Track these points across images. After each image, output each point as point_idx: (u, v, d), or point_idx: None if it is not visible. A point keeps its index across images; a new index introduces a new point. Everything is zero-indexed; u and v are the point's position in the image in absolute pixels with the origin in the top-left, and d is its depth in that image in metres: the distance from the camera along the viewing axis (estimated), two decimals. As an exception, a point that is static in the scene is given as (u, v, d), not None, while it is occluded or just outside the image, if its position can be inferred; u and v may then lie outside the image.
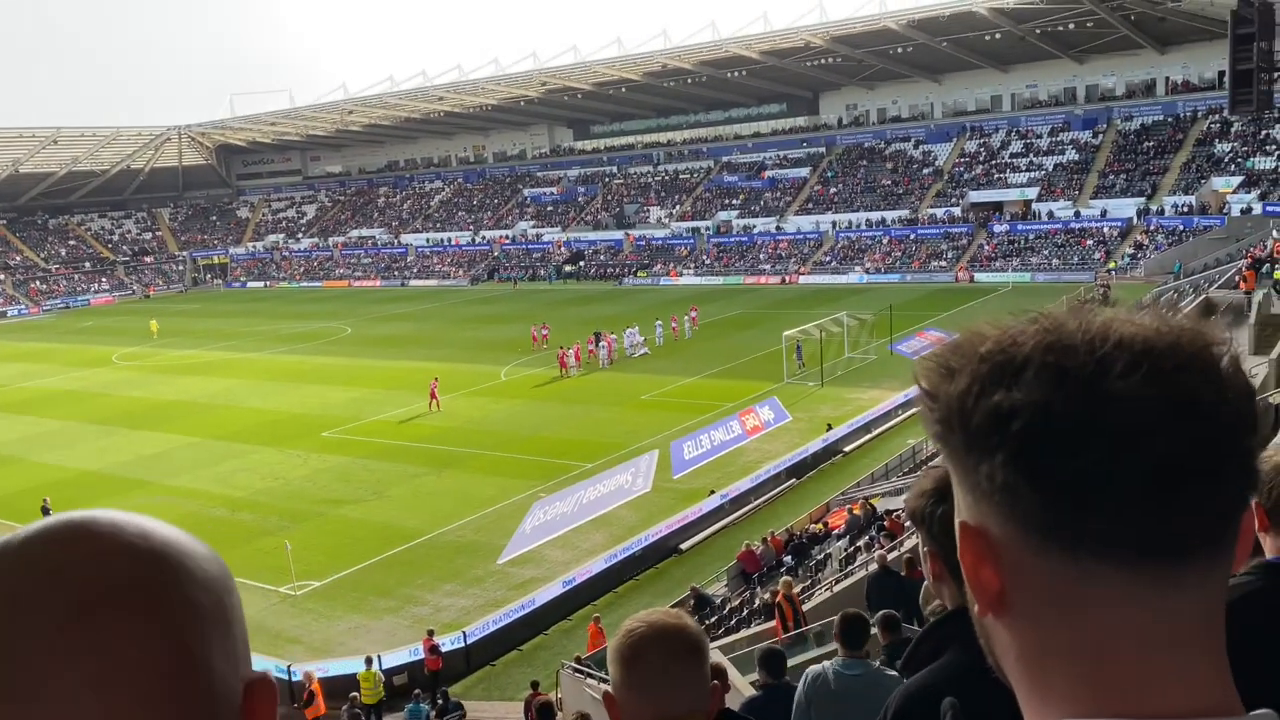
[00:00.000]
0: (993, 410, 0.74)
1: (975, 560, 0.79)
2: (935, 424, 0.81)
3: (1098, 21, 58.76)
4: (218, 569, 0.80)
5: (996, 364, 0.77)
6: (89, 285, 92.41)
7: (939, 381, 0.80)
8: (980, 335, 0.80)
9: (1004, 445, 0.73)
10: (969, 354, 0.79)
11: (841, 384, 36.26)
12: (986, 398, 0.75)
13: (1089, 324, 0.76)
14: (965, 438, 0.77)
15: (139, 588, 0.74)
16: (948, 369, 0.80)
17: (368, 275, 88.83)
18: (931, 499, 1.80)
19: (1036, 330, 0.77)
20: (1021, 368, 0.75)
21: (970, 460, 0.77)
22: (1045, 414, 0.72)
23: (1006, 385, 0.75)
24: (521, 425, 33.86)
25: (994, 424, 0.74)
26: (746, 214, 77.30)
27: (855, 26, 63.88)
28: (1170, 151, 64.14)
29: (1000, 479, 0.74)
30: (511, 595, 20.66)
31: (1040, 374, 0.74)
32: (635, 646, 1.83)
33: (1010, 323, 0.81)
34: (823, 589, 17.25)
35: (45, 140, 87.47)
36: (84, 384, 47.09)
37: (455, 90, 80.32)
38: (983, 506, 0.77)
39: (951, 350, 0.82)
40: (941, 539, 1.76)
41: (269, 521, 26.09)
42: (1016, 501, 0.74)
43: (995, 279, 59.36)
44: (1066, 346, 0.75)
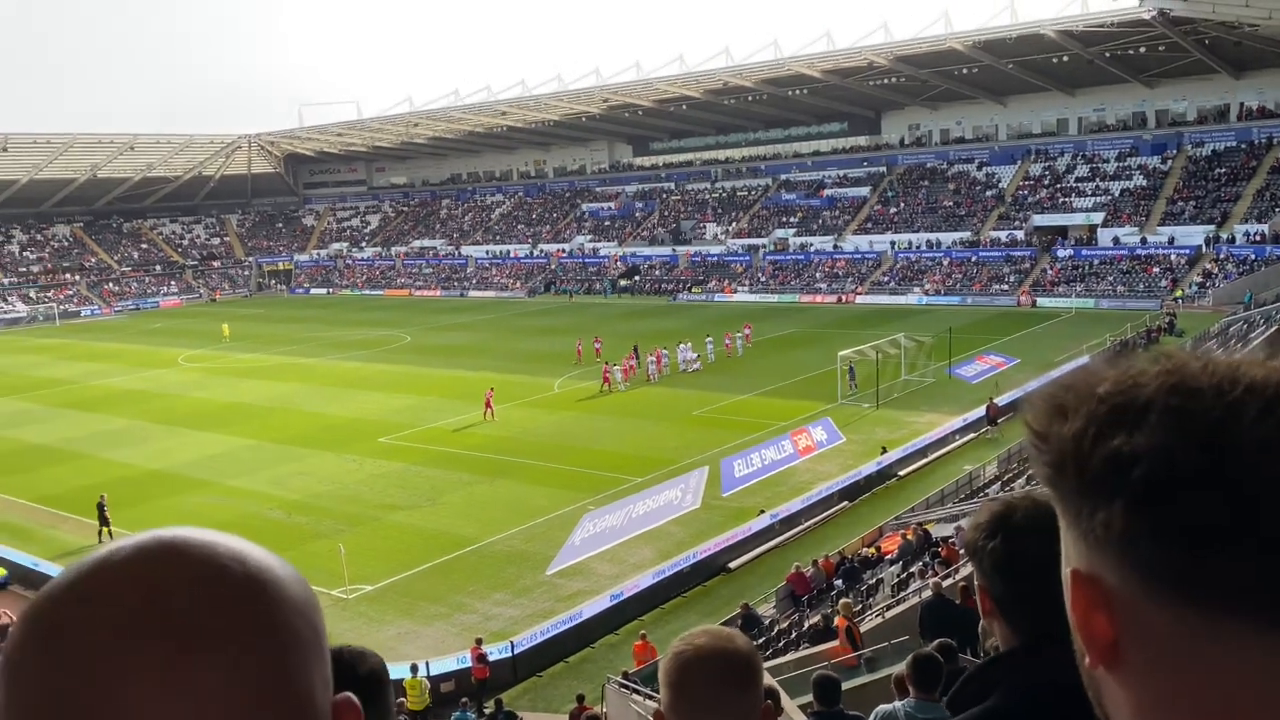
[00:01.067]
0: (1112, 455, 0.70)
1: (1087, 609, 0.76)
2: (1046, 466, 0.76)
3: (1170, 45, 57.60)
4: (306, 591, 0.79)
5: (1116, 406, 0.72)
6: (158, 288, 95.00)
7: (1051, 421, 0.76)
8: (1097, 374, 0.76)
9: (1124, 492, 0.69)
10: (1085, 394, 0.75)
11: (897, 406, 35.85)
12: (1105, 441, 0.71)
13: (1215, 367, 0.72)
14: (1080, 482, 0.73)
15: (237, 619, 0.72)
16: (1060, 408, 0.76)
17: (428, 285, 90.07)
18: (985, 532, 1.72)
19: (1159, 371, 0.73)
20: (1144, 411, 0.71)
21: (1085, 506, 0.73)
22: (1171, 461, 0.68)
23: (1128, 429, 0.70)
24: (573, 437, 34.02)
25: (1113, 469, 0.70)
26: (804, 232, 76.96)
27: (920, 47, 63.41)
28: (1243, 179, 62.51)
29: (1119, 527, 0.70)
30: (559, 607, 20.73)
31: (1165, 418, 0.70)
32: (683, 670, 1.79)
33: (1128, 362, 0.76)
34: (874, 615, 17.03)
35: (123, 146, 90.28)
36: (151, 384, 48.38)
37: (518, 105, 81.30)
38: (1097, 554, 0.73)
39: (1064, 389, 0.77)
40: (992, 575, 1.69)
41: (324, 525, 26.51)
42: (1136, 551, 0.70)
43: (1058, 304, 58.28)
44: (1192, 390, 0.70)
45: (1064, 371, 0.83)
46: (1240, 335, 36.26)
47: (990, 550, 1.69)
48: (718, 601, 21.49)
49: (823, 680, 6.44)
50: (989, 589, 1.71)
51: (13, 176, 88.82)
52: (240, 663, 0.71)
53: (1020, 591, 1.64)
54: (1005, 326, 51.21)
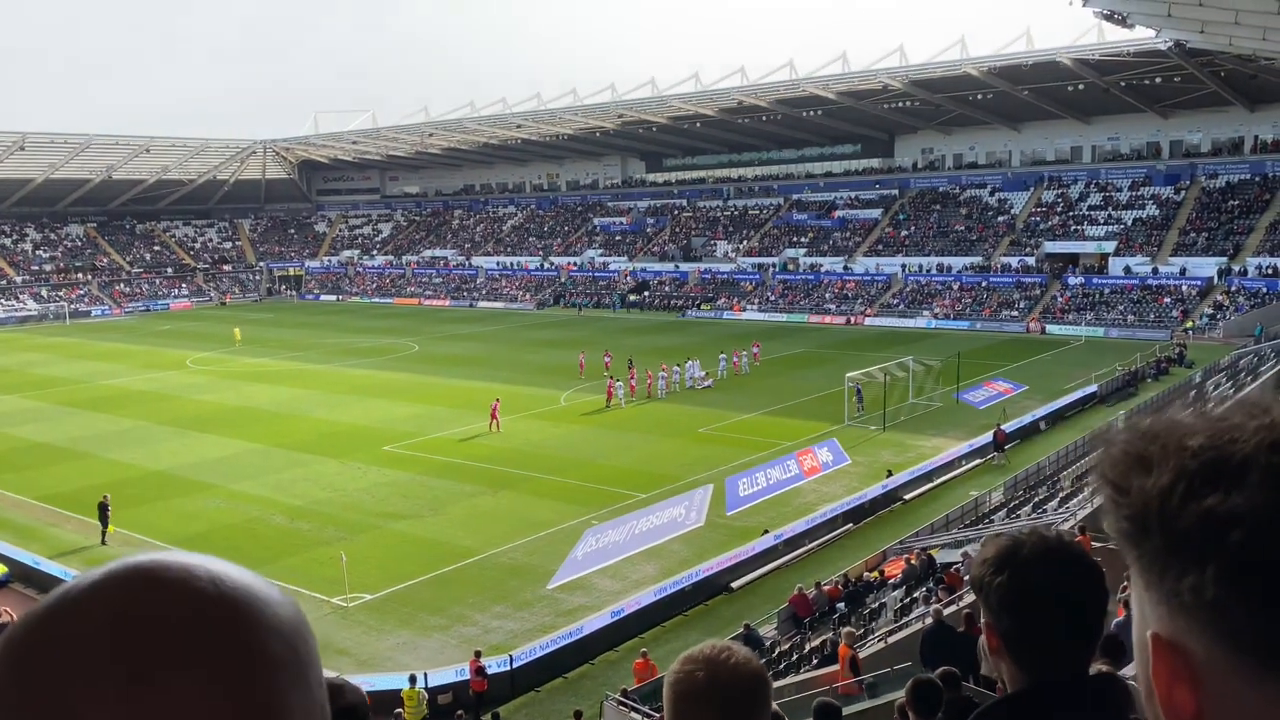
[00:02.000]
0: (1206, 515, 0.66)
1: (1169, 679, 0.71)
2: (1125, 521, 0.72)
3: (1185, 77, 57.63)
4: (291, 614, 0.77)
5: (1210, 461, 0.67)
6: (169, 290, 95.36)
7: (1132, 474, 0.72)
8: (1187, 427, 0.71)
9: (1219, 556, 0.65)
10: (1174, 446, 0.70)
11: (904, 430, 35.73)
12: (1198, 500, 0.66)
13: None
14: (1166, 542, 0.68)
15: (207, 644, 0.71)
16: (1145, 460, 0.71)
17: (438, 294, 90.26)
18: (992, 568, 1.68)
19: (1257, 427, 0.68)
20: (1242, 469, 0.66)
21: (1171, 568, 0.68)
22: (1274, 524, 0.63)
23: (1224, 488, 0.65)
24: (578, 451, 33.96)
25: (1207, 531, 0.65)
26: (815, 252, 76.98)
27: (935, 71, 63.54)
28: (1256, 211, 62.40)
29: (1210, 594, 0.65)
30: (560, 621, 20.63)
31: (1267, 477, 0.65)
32: (688, 692, 1.73)
33: (1220, 417, 0.71)
34: (876, 639, 16.91)
35: (139, 149, 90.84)
36: (158, 386, 48.49)
37: (533, 118, 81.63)
38: (1181, 621, 0.68)
39: (1149, 439, 0.72)
40: (999, 611, 1.65)
41: (326, 532, 26.47)
42: (1229, 621, 0.65)
43: (1068, 332, 58.15)
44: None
45: (1143, 418, 0.77)
46: (1250, 369, 36.08)
47: (997, 586, 1.65)
48: (719, 621, 21.35)
49: (824, 709, 6.34)
50: (995, 626, 1.68)
51: (29, 175, 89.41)
52: (202, 693, 0.69)
53: (1027, 629, 1.61)
54: (1014, 353, 51.07)
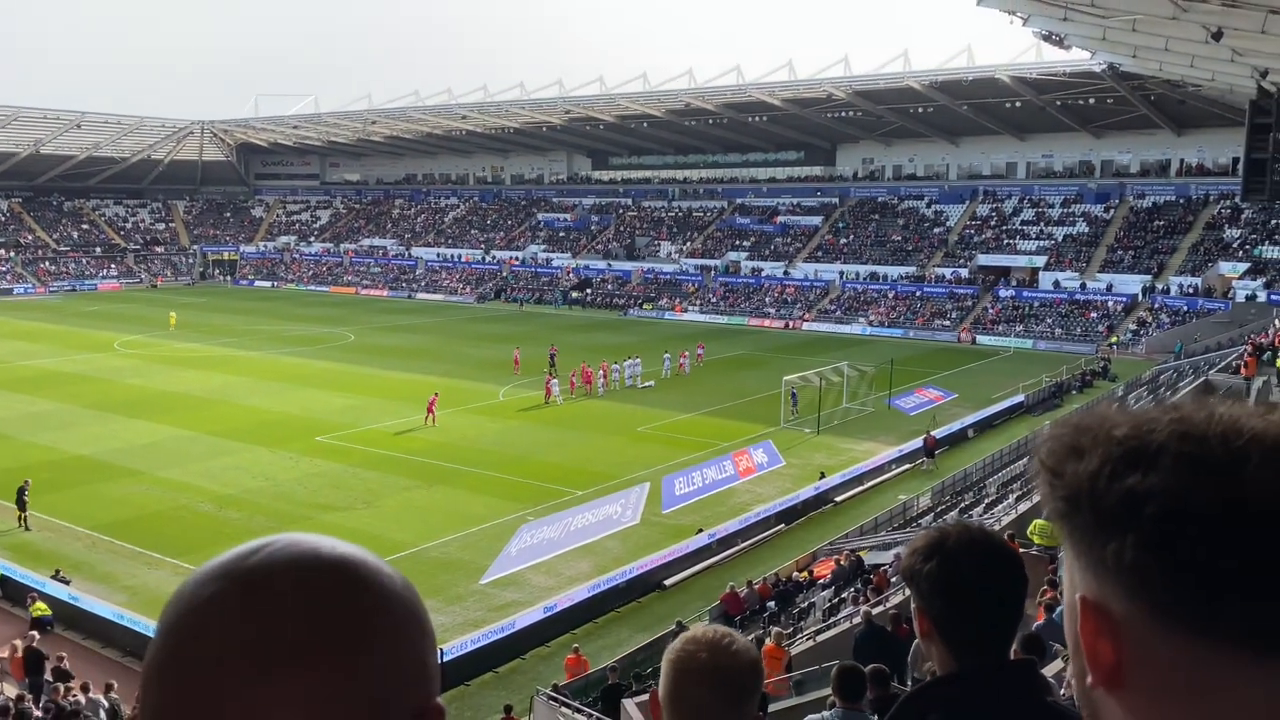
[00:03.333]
0: (1127, 492, 0.77)
1: (1094, 634, 0.81)
2: (1060, 500, 0.83)
3: (1118, 99, 59.46)
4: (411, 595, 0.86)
5: (1131, 448, 0.79)
6: (98, 270, 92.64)
7: (1066, 460, 0.83)
8: (1114, 420, 0.83)
9: (1136, 527, 0.76)
10: (1101, 436, 0.82)
11: (837, 433, 36.32)
12: (1119, 480, 0.78)
13: (1220, 417, 0.79)
14: (1094, 516, 0.79)
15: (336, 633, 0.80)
16: (1077, 448, 0.82)
17: (376, 284, 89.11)
18: (921, 556, 1.82)
19: (1170, 420, 0.80)
20: (1157, 454, 0.77)
21: (1098, 539, 0.79)
22: (1181, 500, 0.74)
23: (1141, 469, 0.77)
24: (515, 446, 33.88)
25: (1127, 506, 0.76)
26: (756, 256, 77.74)
27: (878, 83, 64.63)
28: (1180, 232, 64.65)
29: (1129, 559, 0.76)
30: (491, 616, 20.60)
31: (1176, 461, 0.76)
32: (691, 669, 1.80)
33: (1143, 411, 0.83)
34: (805, 638, 17.21)
35: (69, 124, 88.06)
36: (84, 368, 47.14)
37: (479, 110, 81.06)
38: (1106, 584, 0.79)
39: (1081, 430, 0.84)
40: (930, 597, 1.79)
41: (255, 521, 26.03)
42: (1146, 582, 0.76)
43: (997, 342, 59.60)
44: (1200, 437, 0.77)
45: (1076, 414, 0.91)
46: (1170, 384, 37.40)
47: (927, 573, 1.79)
48: (651, 618, 21.53)
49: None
50: (926, 610, 1.81)
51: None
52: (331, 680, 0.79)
53: (955, 612, 1.76)
54: (945, 361, 52.20)
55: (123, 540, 24.52)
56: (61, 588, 21.05)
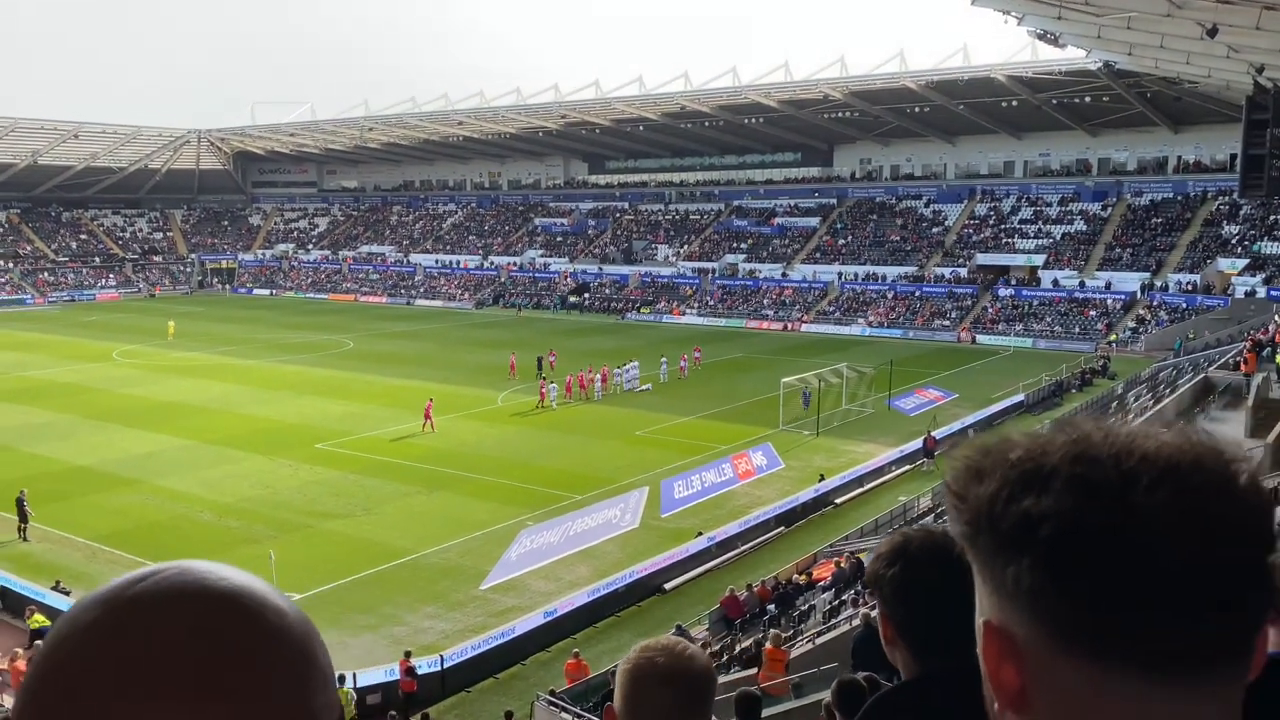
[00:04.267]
0: (1022, 515, 0.77)
1: (998, 658, 0.81)
2: (963, 525, 0.83)
3: (1114, 97, 59.47)
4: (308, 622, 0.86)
5: (1026, 471, 0.79)
6: (96, 280, 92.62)
7: (968, 483, 0.84)
8: (1010, 442, 0.84)
9: (1032, 550, 0.76)
10: (999, 459, 0.82)
11: (837, 435, 36.27)
12: (1015, 503, 0.78)
13: (1114, 438, 0.79)
14: (993, 540, 0.79)
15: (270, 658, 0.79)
16: (977, 472, 0.83)
17: (374, 291, 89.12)
18: (885, 562, 1.82)
19: (1065, 441, 0.80)
20: (1050, 476, 0.78)
21: (997, 562, 0.79)
22: (1073, 522, 0.75)
23: (1036, 492, 0.77)
24: (514, 451, 33.84)
25: (1023, 529, 0.77)
26: (754, 259, 77.73)
27: (874, 83, 64.63)
28: (1178, 229, 64.64)
29: (1027, 582, 0.76)
30: (492, 622, 20.56)
31: (1068, 484, 0.76)
32: (648, 674, 1.84)
33: (1039, 432, 0.85)
34: (805, 641, 17.18)
35: (66, 134, 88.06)
36: (82, 378, 47.11)
37: (476, 116, 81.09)
38: (1008, 608, 0.80)
39: (981, 454, 0.85)
40: (893, 602, 1.79)
41: (255, 530, 26.01)
42: (1042, 605, 0.76)
43: (997, 342, 59.56)
44: (1093, 459, 0.77)
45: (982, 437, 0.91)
46: (1169, 381, 37.36)
47: (890, 578, 1.79)
48: (652, 622, 21.48)
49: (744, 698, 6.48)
50: (890, 615, 1.80)
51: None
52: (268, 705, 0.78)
53: (918, 617, 1.74)
54: (945, 361, 52.16)
55: (123, 550, 24.46)
56: (62, 599, 20.98)
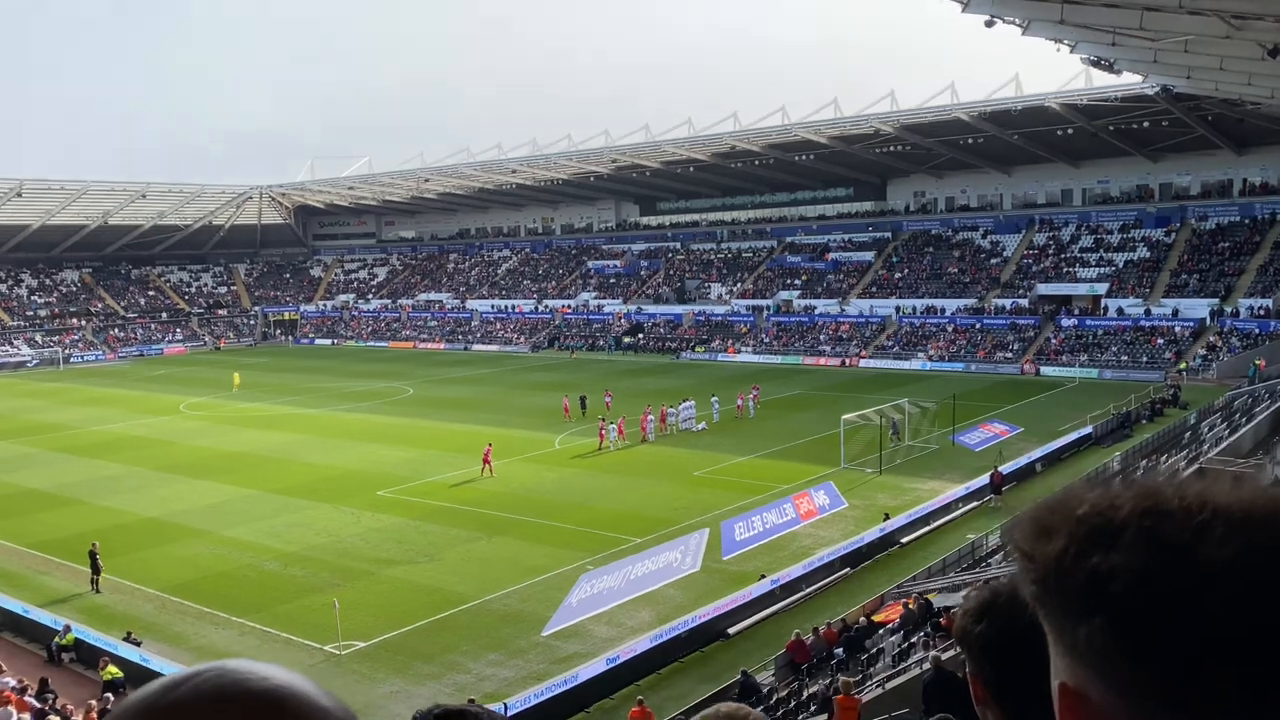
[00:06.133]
0: (1091, 573, 0.75)
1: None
2: (1033, 584, 0.80)
3: (1173, 121, 58.36)
4: None
5: (1094, 526, 0.77)
6: (164, 335, 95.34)
7: (1036, 541, 0.81)
8: (1077, 496, 0.81)
9: (1102, 609, 0.73)
10: (1066, 515, 0.79)
11: (901, 473, 35.63)
12: (1084, 560, 0.75)
13: (1185, 490, 0.76)
14: (1063, 599, 0.77)
15: None
16: (1045, 529, 0.80)
17: (433, 338, 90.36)
18: (973, 618, 1.70)
19: (1134, 494, 0.78)
20: (1119, 531, 0.75)
21: (1068, 622, 0.77)
22: (1143, 580, 0.72)
23: (1105, 548, 0.75)
24: (573, 494, 33.79)
25: (1092, 587, 0.74)
26: (809, 294, 77.33)
27: (925, 116, 64.28)
28: (1247, 253, 62.90)
29: (1099, 643, 0.73)
30: (554, 669, 20.37)
31: (1138, 538, 0.74)
32: None
33: (1107, 486, 0.81)
34: (875, 685, 16.72)
35: (135, 195, 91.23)
36: (151, 431, 48.27)
37: (528, 164, 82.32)
38: (1081, 669, 0.76)
39: (1048, 510, 0.82)
40: (982, 661, 1.68)
41: (319, 578, 26.22)
42: (1117, 666, 0.73)
43: (1061, 373, 58.27)
44: (1163, 512, 0.75)
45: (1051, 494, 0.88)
46: (1245, 409, 36.13)
47: (978, 635, 1.65)
48: (716, 667, 21.11)
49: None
50: (980, 675, 1.68)
51: (25, 221, 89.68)
52: None
53: (1010, 676, 1.61)
54: (1009, 394, 51.12)
55: (191, 601, 24.82)
56: (133, 650, 21.29)
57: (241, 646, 22.09)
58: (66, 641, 21.96)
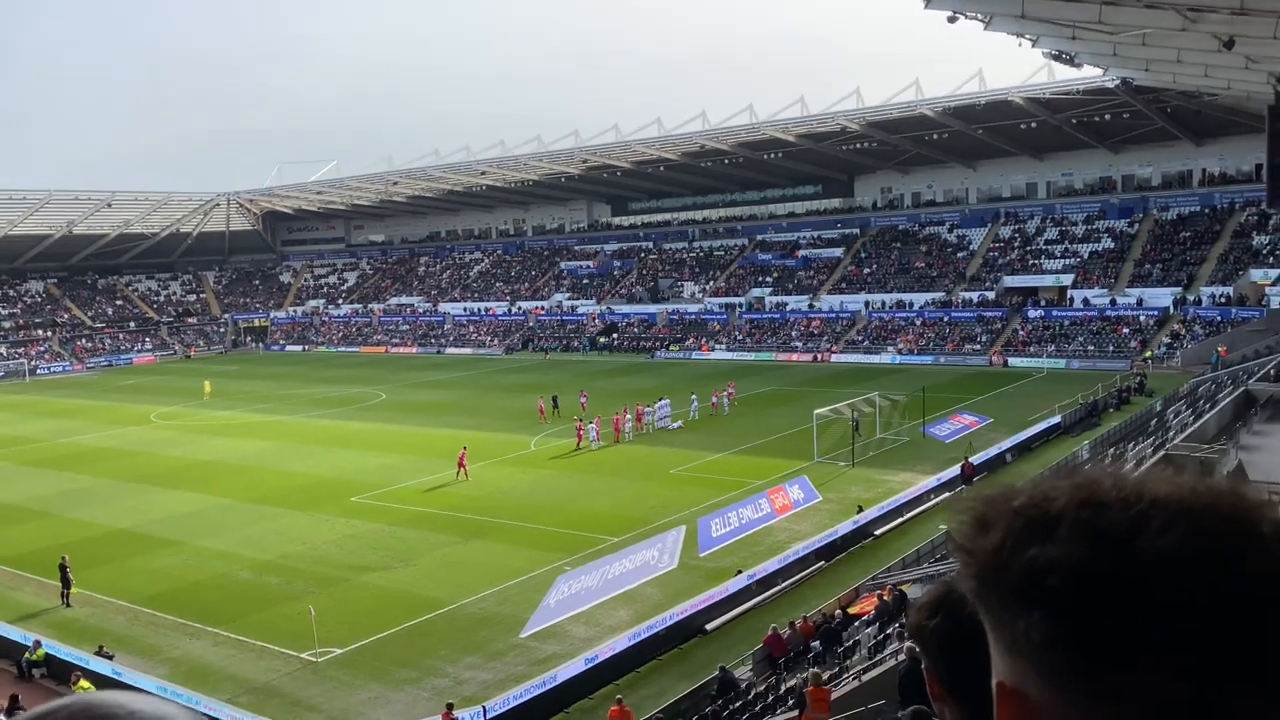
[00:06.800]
0: (1028, 566, 0.73)
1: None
2: (972, 579, 0.79)
3: (1134, 113, 59.19)
4: None
5: (1031, 519, 0.75)
6: (133, 344, 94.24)
7: (974, 535, 0.79)
8: (1014, 489, 0.80)
9: (1040, 602, 0.72)
10: (1003, 508, 0.78)
11: (873, 465, 35.94)
12: (1021, 553, 0.74)
13: (1123, 482, 0.76)
14: (1001, 593, 0.75)
15: None
16: (983, 522, 0.79)
17: (405, 342, 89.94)
18: (927, 613, 1.74)
19: (1071, 485, 0.77)
20: (1055, 523, 0.74)
21: (1006, 616, 0.75)
22: (1081, 571, 0.70)
23: (1041, 541, 0.73)
24: (549, 496, 33.81)
25: (1030, 580, 0.73)
26: (780, 291, 77.72)
27: (891, 113, 64.78)
28: (1207, 242, 63.92)
29: (1039, 637, 0.72)
30: (533, 670, 20.41)
31: (1075, 530, 0.73)
32: None
33: (1046, 479, 0.80)
34: (850, 678, 16.90)
35: (100, 204, 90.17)
36: (121, 442, 47.75)
37: (498, 165, 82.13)
38: (1021, 665, 0.75)
39: (986, 503, 0.80)
40: (937, 656, 1.73)
41: (294, 586, 26.09)
42: (1053, 660, 0.72)
43: (1029, 364, 58.94)
44: (1101, 503, 0.74)
45: (986, 486, 0.87)
46: (1209, 396, 36.73)
47: (933, 630, 1.69)
48: (694, 664, 21.23)
49: None
50: (935, 671, 1.72)
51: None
52: None
53: (965, 671, 1.65)
54: (978, 386, 51.65)
55: (164, 612, 24.62)
56: (105, 663, 21.10)
57: (216, 656, 21.96)
58: (37, 657, 21.72)
